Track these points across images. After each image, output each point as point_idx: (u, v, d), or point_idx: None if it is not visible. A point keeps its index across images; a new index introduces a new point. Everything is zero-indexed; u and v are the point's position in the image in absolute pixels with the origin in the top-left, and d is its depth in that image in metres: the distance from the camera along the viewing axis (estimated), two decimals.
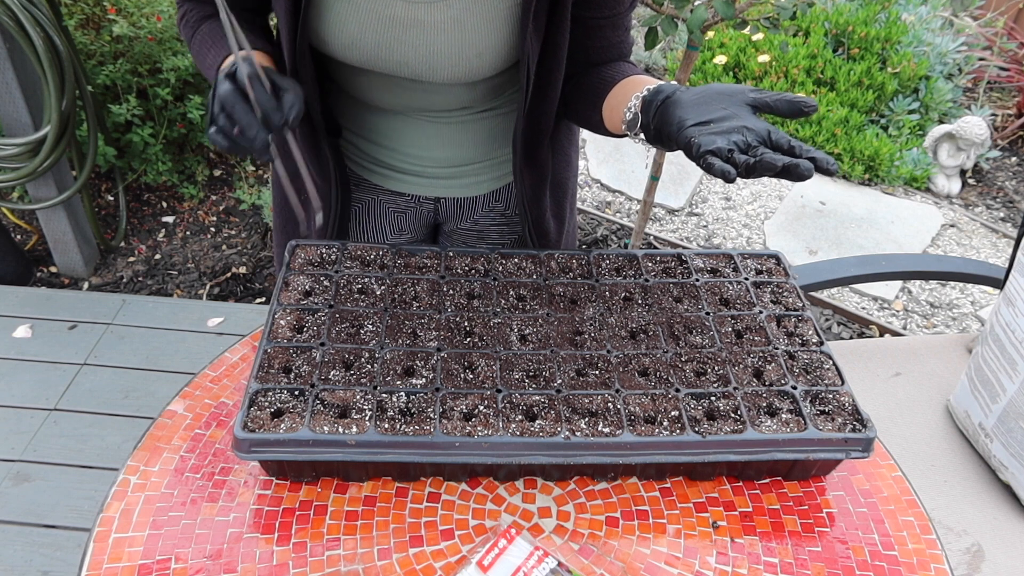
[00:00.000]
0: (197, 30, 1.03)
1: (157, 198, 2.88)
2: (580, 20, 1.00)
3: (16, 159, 2.18)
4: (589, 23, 1.02)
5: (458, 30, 0.96)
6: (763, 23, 1.86)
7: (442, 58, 0.98)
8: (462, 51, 0.97)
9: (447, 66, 0.99)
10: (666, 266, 1.11)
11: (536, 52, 0.99)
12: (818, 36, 3.54)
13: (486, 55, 0.98)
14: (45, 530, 1.81)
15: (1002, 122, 3.62)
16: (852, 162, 3.20)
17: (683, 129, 0.80)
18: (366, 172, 1.20)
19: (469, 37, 0.97)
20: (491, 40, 0.97)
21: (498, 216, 1.26)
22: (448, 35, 0.96)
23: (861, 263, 1.65)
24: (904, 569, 0.87)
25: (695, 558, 0.86)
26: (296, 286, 1.02)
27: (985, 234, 3.07)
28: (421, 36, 0.96)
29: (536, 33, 0.97)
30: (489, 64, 1.00)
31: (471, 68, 0.99)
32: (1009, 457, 1.30)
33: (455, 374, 0.92)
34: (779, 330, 1.02)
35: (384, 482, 0.91)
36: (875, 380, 1.55)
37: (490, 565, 0.82)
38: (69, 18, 2.42)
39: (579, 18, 1.00)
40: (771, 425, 0.89)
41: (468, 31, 0.96)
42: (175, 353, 2.25)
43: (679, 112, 0.82)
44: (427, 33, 0.96)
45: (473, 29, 0.96)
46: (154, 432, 0.95)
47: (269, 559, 0.83)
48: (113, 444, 2.00)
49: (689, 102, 0.82)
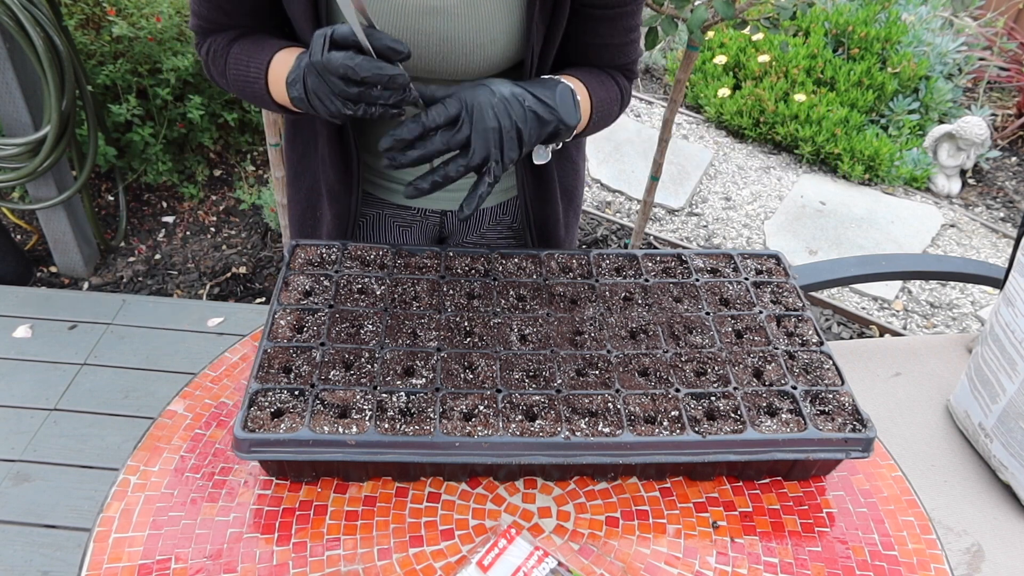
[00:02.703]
0: (228, 53, 0.99)
1: (157, 198, 2.88)
2: (578, 8, 1.00)
3: (16, 159, 2.18)
4: (587, 12, 1.01)
5: (472, 15, 0.96)
6: (763, 23, 1.86)
7: (456, 44, 0.97)
8: (477, 37, 0.97)
9: (462, 53, 0.98)
10: (666, 266, 1.11)
11: (540, 39, 0.99)
12: (818, 36, 3.54)
13: (500, 40, 0.98)
14: (45, 530, 1.81)
15: (1002, 122, 3.62)
16: (852, 162, 3.20)
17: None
18: (371, 186, 1.19)
19: (483, 22, 0.96)
20: (505, 24, 0.97)
21: (505, 229, 1.26)
22: (462, 20, 0.96)
23: (861, 263, 1.65)
24: (904, 569, 0.87)
25: (695, 558, 0.86)
26: (296, 286, 1.02)
27: (985, 234, 3.07)
28: (435, 23, 0.96)
29: (542, 18, 0.97)
30: (503, 49, 0.99)
31: (485, 54, 0.99)
32: (1009, 457, 1.30)
33: (455, 374, 0.92)
34: (779, 330, 1.02)
35: (384, 482, 0.91)
36: (875, 380, 1.55)
37: (490, 565, 0.82)
38: (69, 18, 2.42)
39: (579, 5, 1.00)
40: (771, 425, 0.89)
41: (482, 15, 0.96)
42: (175, 353, 2.25)
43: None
44: (441, 19, 0.96)
45: (487, 13, 0.96)
46: (154, 432, 0.95)
47: (269, 559, 0.83)
48: (113, 444, 2.00)
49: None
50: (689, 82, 3.63)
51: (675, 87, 2.09)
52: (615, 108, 1.09)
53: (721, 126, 3.54)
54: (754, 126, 3.41)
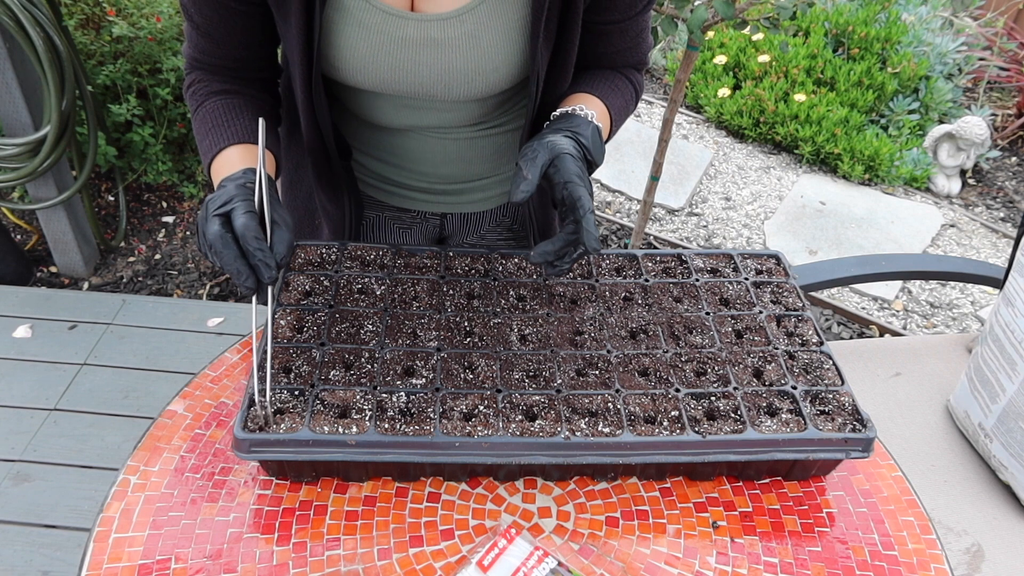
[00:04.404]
0: (201, 105, 0.99)
1: (157, 198, 2.88)
2: (588, 26, 0.99)
3: (16, 159, 2.18)
4: (597, 29, 1.01)
5: (474, 46, 0.94)
6: (763, 23, 1.86)
7: (458, 75, 0.96)
8: (479, 67, 0.96)
9: (463, 83, 0.97)
10: (666, 266, 1.11)
11: (546, 61, 0.97)
12: (818, 36, 3.54)
13: (502, 68, 0.97)
14: (45, 530, 1.81)
15: (1002, 122, 3.62)
16: (852, 162, 3.21)
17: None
18: (370, 189, 1.19)
19: (485, 52, 0.95)
20: (506, 53, 0.96)
21: (505, 231, 1.26)
22: (463, 52, 0.94)
23: (861, 263, 1.65)
24: (904, 569, 0.87)
25: (695, 558, 0.86)
26: (296, 286, 1.02)
27: (985, 234, 3.07)
28: (436, 55, 0.95)
29: (547, 42, 0.95)
30: (506, 77, 0.98)
31: (488, 83, 0.98)
32: (1009, 457, 1.30)
33: (455, 374, 0.92)
34: (779, 330, 1.02)
35: (384, 482, 0.91)
36: (875, 380, 1.55)
37: (490, 565, 0.82)
38: (69, 18, 2.42)
39: (588, 24, 0.99)
40: (771, 425, 0.89)
41: (483, 46, 0.94)
42: (175, 353, 2.25)
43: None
44: (442, 51, 0.94)
45: (489, 43, 0.94)
46: (154, 432, 0.95)
47: (269, 559, 0.83)
48: (113, 444, 2.00)
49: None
50: (689, 82, 3.63)
51: (675, 87, 2.09)
52: (630, 108, 1.09)
53: (721, 126, 3.54)
54: (754, 126, 3.41)
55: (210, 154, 0.94)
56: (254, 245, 0.79)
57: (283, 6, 0.90)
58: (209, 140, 0.95)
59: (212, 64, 1.00)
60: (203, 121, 0.98)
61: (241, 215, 0.79)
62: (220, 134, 0.95)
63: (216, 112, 0.97)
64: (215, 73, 1.01)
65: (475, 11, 0.93)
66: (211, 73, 1.01)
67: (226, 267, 0.79)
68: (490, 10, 0.93)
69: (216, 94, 0.99)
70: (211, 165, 0.95)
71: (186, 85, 1.03)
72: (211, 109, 0.98)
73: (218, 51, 0.98)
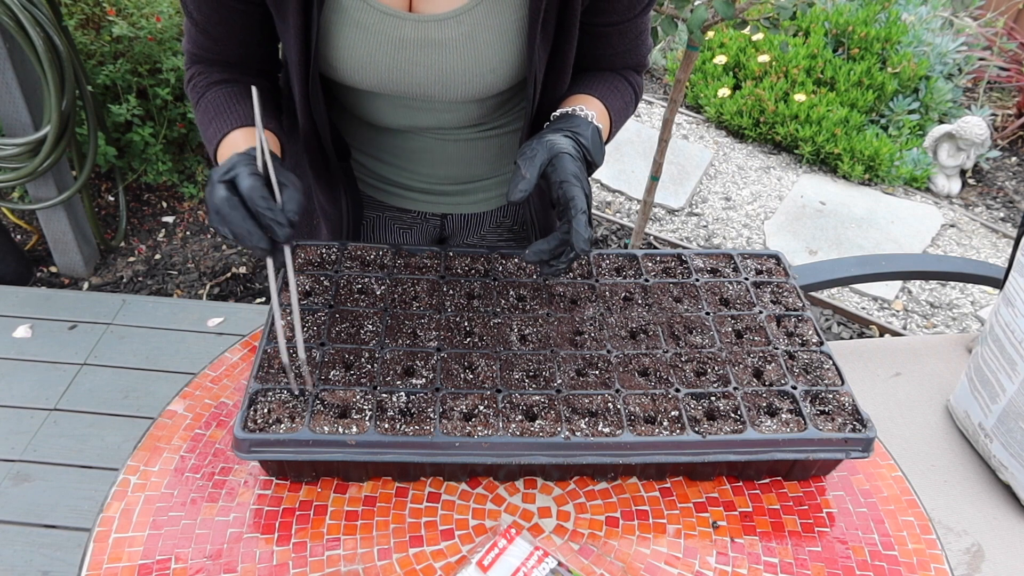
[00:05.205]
0: (203, 96, 0.99)
1: (157, 198, 2.88)
2: (588, 27, 0.99)
3: (16, 159, 2.18)
4: (597, 30, 1.01)
5: (471, 47, 0.94)
6: (763, 23, 1.86)
7: (456, 76, 0.96)
8: (476, 67, 0.96)
9: (461, 84, 0.97)
10: (666, 266, 1.11)
11: (544, 63, 0.97)
12: (818, 36, 3.54)
13: (500, 69, 0.97)
14: (45, 530, 1.81)
15: (1002, 122, 3.62)
16: (852, 162, 3.21)
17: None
18: (370, 189, 1.19)
19: (482, 53, 0.95)
20: (504, 54, 0.96)
21: (506, 232, 1.25)
22: (461, 53, 0.95)
23: (861, 263, 1.65)
24: (904, 569, 0.87)
25: (695, 558, 0.86)
26: (296, 286, 1.02)
27: (985, 234, 3.07)
28: (434, 55, 0.95)
29: (544, 43, 0.95)
30: (503, 78, 0.98)
31: (485, 84, 0.98)
32: (1009, 457, 1.30)
33: (455, 374, 0.92)
34: (779, 330, 1.02)
35: (384, 482, 0.91)
36: (875, 380, 1.55)
37: (490, 565, 0.82)
38: (69, 18, 2.42)
39: (586, 25, 0.99)
40: (771, 425, 0.89)
41: (481, 47, 0.94)
42: (175, 353, 2.25)
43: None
44: (440, 52, 0.94)
45: (486, 44, 0.94)
46: (154, 432, 0.95)
47: (269, 559, 0.83)
48: (113, 444, 2.00)
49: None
50: (689, 82, 3.63)
51: (675, 87, 2.09)
52: (630, 109, 1.09)
53: (721, 126, 3.54)
54: (754, 126, 3.41)
55: (215, 140, 0.95)
56: (262, 205, 0.77)
57: (281, 6, 0.90)
58: (213, 128, 0.96)
59: (212, 60, 1.01)
60: (206, 111, 0.98)
61: (246, 177, 0.78)
62: (224, 120, 0.95)
63: (218, 100, 0.97)
64: (214, 66, 1.01)
65: (473, 12, 0.93)
66: (211, 65, 1.02)
67: (235, 230, 0.78)
68: (487, 11, 0.93)
69: (217, 84, 1.00)
70: (216, 151, 0.95)
71: (187, 79, 1.03)
72: (213, 98, 0.98)
73: (217, 48, 0.99)
